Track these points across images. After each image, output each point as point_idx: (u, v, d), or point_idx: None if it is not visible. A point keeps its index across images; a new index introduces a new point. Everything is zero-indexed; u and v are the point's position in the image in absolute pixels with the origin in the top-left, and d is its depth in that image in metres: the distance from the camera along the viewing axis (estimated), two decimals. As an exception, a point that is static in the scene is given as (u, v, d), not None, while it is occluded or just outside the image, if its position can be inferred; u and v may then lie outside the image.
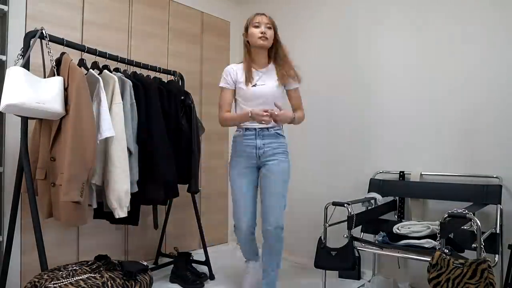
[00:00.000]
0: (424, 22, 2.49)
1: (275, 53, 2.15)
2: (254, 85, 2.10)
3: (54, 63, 1.88)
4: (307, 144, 3.06)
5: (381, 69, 2.67)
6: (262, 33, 2.06)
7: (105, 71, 2.15)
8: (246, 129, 2.13)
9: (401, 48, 2.58)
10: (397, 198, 2.47)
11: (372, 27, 2.72)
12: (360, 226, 2.35)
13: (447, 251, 1.62)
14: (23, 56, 1.80)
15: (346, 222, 2.01)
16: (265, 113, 1.92)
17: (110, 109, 2.00)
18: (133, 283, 1.69)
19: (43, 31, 1.86)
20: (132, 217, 2.23)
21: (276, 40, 2.14)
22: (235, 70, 2.16)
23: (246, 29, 2.14)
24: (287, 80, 2.12)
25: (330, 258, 2.00)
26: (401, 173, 2.50)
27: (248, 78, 2.11)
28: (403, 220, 2.40)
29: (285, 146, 2.17)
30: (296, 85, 2.19)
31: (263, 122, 1.94)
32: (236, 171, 2.16)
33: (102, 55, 2.18)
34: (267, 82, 2.11)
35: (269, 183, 2.08)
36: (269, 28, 2.10)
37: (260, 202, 2.16)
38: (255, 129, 2.11)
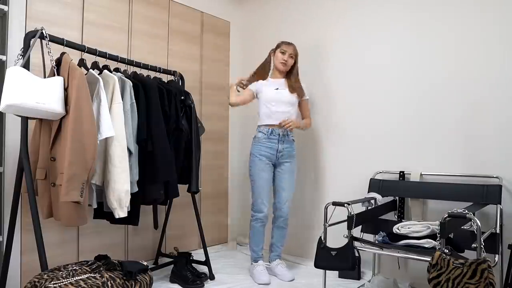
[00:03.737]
0: (423, 22, 2.49)
1: (289, 72, 2.69)
2: (276, 89, 2.63)
3: (54, 63, 1.88)
4: (307, 144, 3.06)
5: (381, 69, 2.67)
6: (284, 60, 2.62)
7: (105, 71, 2.15)
8: (271, 133, 2.57)
9: (400, 48, 2.59)
10: (397, 198, 2.47)
11: (370, 28, 2.73)
12: (360, 226, 2.36)
13: (447, 251, 1.62)
14: (23, 56, 1.80)
15: (346, 222, 2.01)
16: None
17: (110, 109, 2.01)
18: (133, 283, 1.70)
19: (43, 31, 1.86)
20: (132, 217, 2.23)
21: (293, 66, 2.68)
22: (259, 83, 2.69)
23: (275, 49, 2.68)
24: (294, 91, 2.64)
25: (330, 258, 2.00)
26: (401, 173, 2.50)
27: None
28: (403, 220, 2.40)
29: (295, 150, 2.70)
30: (305, 97, 2.72)
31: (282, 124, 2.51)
32: (260, 167, 2.58)
33: (102, 55, 2.18)
34: (282, 89, 2.64)
35: (285, 180, 2.64)
36: (291, 57, 2.64)
37: (272, 193, 2.68)
38: (278, 134, 2.58)
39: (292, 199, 2.68)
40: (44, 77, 1.95)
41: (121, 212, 2.02)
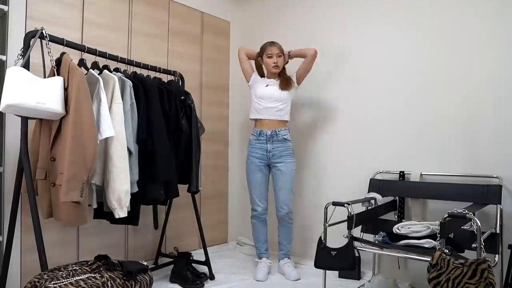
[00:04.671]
0: (423, 21, 2.49)
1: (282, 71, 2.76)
2: (266, 86, 2.69)
3: (54, 63, 1.88)
4: (307, 144, 3.06)
5: (381, 69, 2.67)
6: (274, 63, 2.65)
7: (105, 71, 2.15)
8: (260, 133, 2.64)
9: (400, 48, 2.59)
10: (397, 198, 2.47)
11: (369, 27, 2.73)
12: (360, 226, 2.36)
13: (447, 251, 1.62)
14: (23, 56, 1.80)
15: (346, 222, 2.01)
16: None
17: (110, 109, 2.00)
18: (133, 283, 1.70)
19: (43, 31, 1.86)
20: (132, 217, 2.23)
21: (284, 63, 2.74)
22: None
23: (261, 55, 2.71)
24: (287, 87, 2.68)
25: (330, 258, 2.00)
26: (401, 173, 2.50)
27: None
28: (403, 220, 2.40)
29: (290, 149, 2.68)
30: (295, 83, 2.75)
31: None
32: (252, 168, 2.68)
33: (102, 55, 2.18)
34: (272, 86, 2.68)
35: (278, 180, 2.66)
36: (279, 56, 2.66)
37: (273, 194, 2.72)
38: (266, 134, 2.63)
39: (291, 198, 2.67)
40: (44, 77, 1.95)
41: (121, 212, 2.02)
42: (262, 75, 2.80)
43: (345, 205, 2.00)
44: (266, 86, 2.67)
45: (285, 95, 2.66)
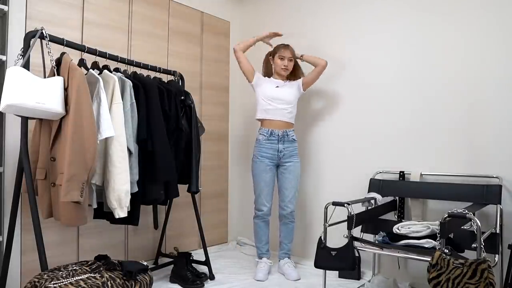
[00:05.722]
0: (424, 21, 2.49)
1: (293, 73, 2.78)
2: (276, 87, 2.70)
3: (54, 63, 1.88)
4: (307, 144, 3.06)
5: (381, 69, 2.67)
6: (285, 66, 2.68)
7: (105, 71, 2.15)
8: (271, 134, 2.64)
9: (400, 48, 2.59)
10: (397, 198, 2.47)
11: (370, 28, 2.72)
12: (360, 226, 2.36)
13: (447, 251, 1.62)
14: (23, 56, 1.80)
15: (346, 222, 2.01)
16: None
17: (110, 109, 2.00)
18: (133, 283, 1.70)
19: (43, 31, 1.86)
20: (132, 217, 2.23)
21: (295, 67, 2.77)
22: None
23: (273, 54, 2.75)
24: (306, 86, 2.75)
25: (330, 258, 2.00)
26: (401, 173, 2.50)
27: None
28: (403, 220, 2.40)
29: (297, 149, 2.73)
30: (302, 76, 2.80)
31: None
32: (261, 168, 2.67)
33: (102, 55, 2.18)
34: (282, 88, 2.70)
35: (286, 179, 2.68)
36: (291, 60, 2.70)
37: (277, 192, 2.76)
38: (278, 135, 2.64)
39: (297, 197, 2.70)
40: (44, 77, 1.95)
41: (121, 212, 2.02)
42: (268, 74, 2.81)
43: (345, 205, 2.00)
44: (276, 87, 2.68)
45: (294, 98, 2.69)
